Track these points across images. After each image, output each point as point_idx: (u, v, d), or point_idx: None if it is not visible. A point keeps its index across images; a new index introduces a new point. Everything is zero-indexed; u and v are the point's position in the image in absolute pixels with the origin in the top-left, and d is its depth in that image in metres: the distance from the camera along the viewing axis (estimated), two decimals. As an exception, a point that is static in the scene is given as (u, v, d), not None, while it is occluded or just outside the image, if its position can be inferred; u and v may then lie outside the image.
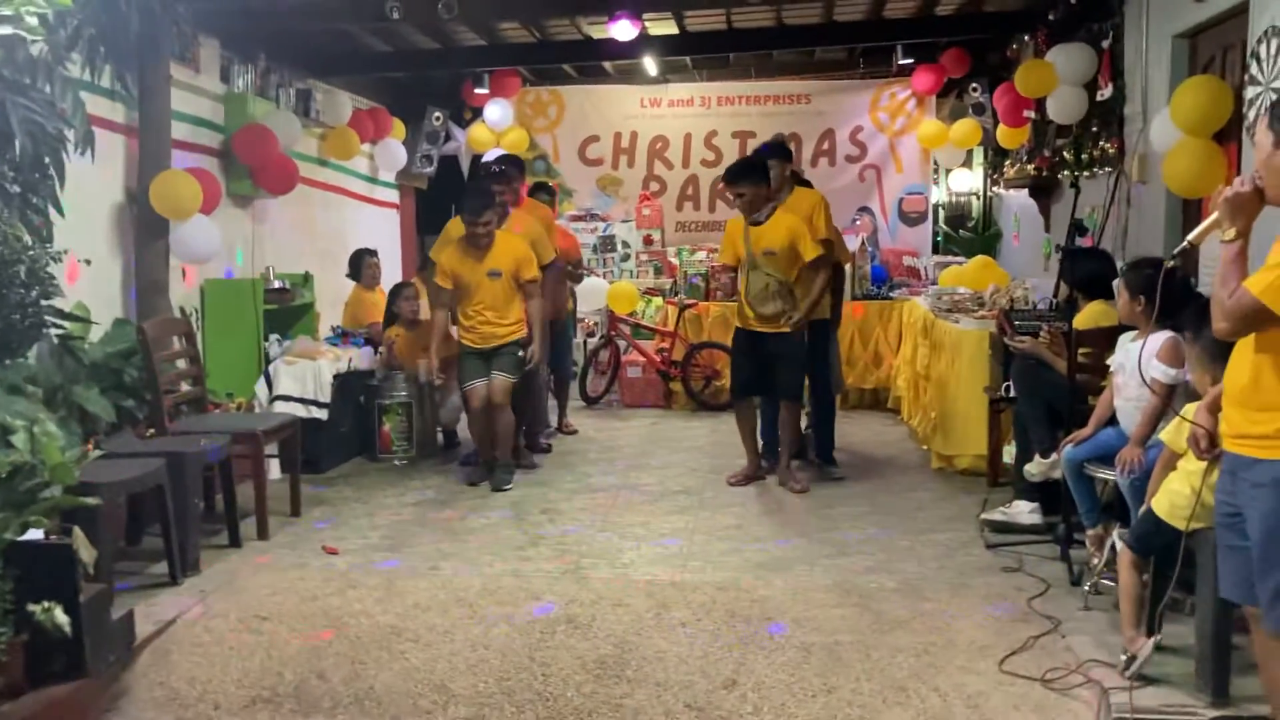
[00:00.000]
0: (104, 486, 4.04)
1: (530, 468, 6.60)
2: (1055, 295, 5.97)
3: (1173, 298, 3.66)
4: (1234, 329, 2.66)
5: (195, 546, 4.74)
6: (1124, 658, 3.55)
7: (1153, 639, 3.48)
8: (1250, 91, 4.55)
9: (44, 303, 3.37)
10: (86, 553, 3.31)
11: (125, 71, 5.72)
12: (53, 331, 4.45)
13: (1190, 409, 3.30)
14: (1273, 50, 4.34)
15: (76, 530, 3.36)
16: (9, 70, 3.46)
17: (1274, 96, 4.26)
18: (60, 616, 3.20)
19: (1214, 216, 2.73)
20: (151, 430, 5.20)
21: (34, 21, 3.06)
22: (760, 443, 6.25)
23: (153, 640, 4.00)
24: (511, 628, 4.11)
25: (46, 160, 4.32)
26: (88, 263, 5.01)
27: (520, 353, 6.14)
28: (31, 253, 3.40)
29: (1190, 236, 2.86)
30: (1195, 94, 4.80)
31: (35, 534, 3.41)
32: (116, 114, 5.89)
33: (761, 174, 5.82)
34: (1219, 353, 3.04)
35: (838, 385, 6.63)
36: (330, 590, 4.52)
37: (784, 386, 5.91)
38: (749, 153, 10.26)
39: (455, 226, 6.17)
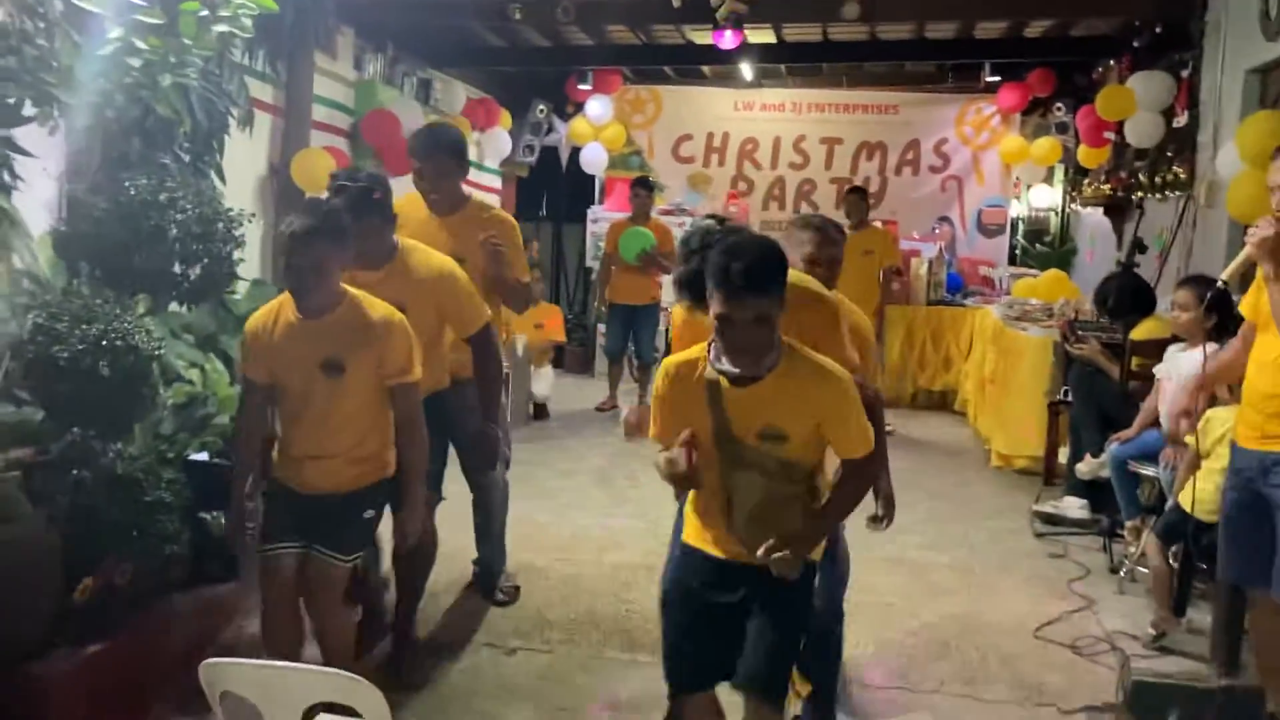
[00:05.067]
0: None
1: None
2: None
3: (1231, 314, 4.06)
4: None
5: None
6: (1151, 631, 3.98)
7: (1182, 620, 3.93)
8: (1310, 129, 4.89)
9: (234, 256, 3.97)
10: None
11: (277, 57, 6.39)
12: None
13: (1215, 414, 3.70)
14: (1331, 92, 4.69)
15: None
16: (204, 59, 4.05)
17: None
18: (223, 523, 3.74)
19: (1244, 254, 3.10)
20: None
21: (248, 22, 3.65)
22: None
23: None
24: (599, 571, 4.65)
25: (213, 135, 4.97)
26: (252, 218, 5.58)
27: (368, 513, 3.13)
28: (231, 212, 4.01)
29: (1224, 275, 3.26)
30: (1260, 127, 5.13)
31: (202, 455, 4.02)
32: (265, 94, 6.52)
33: (781, 281, 2.41)
34: None
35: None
36: (440, 529, 5.09)
37: (766, 667, 2.55)
38: (834, 157, 10.73)
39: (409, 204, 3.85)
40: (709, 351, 2.48)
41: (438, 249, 3.51)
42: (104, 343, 3.21)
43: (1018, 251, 10.85)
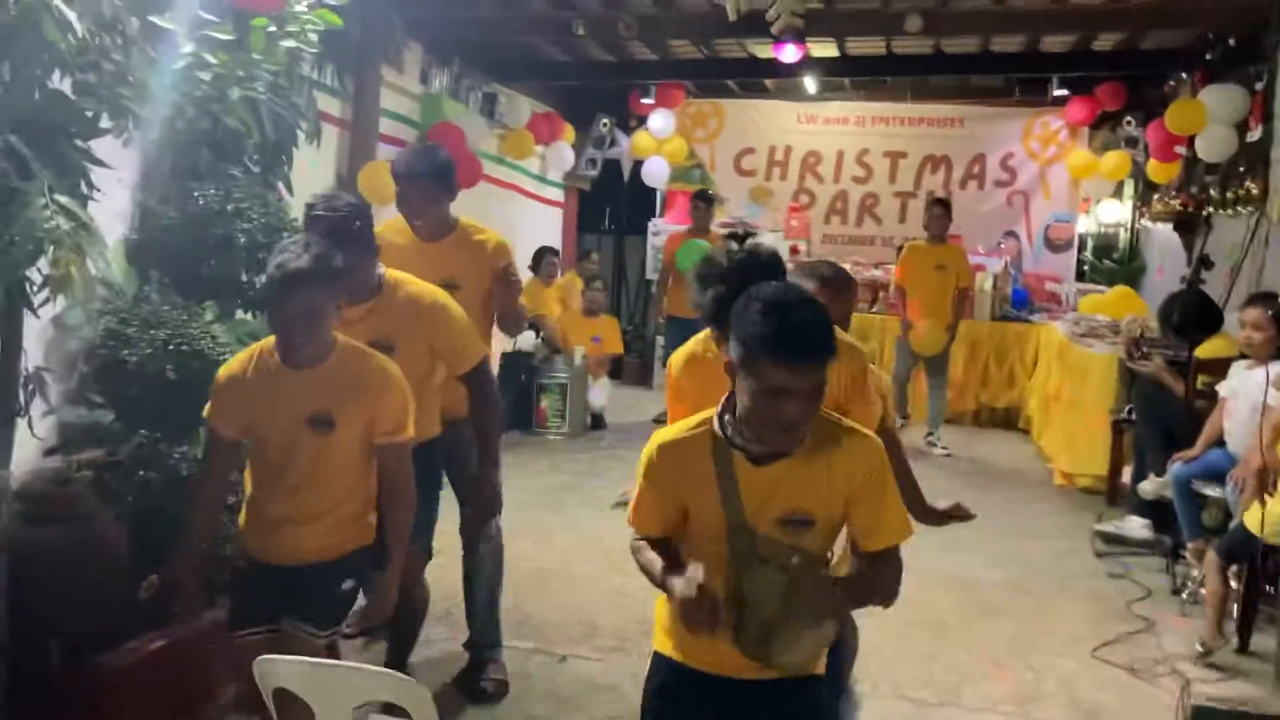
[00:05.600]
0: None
1: None
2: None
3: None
4: None
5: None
6: (1199, 649, 3.91)
7: (1228, 640, 3.86)
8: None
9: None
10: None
11: (345, 71, 6.54)
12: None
13: None
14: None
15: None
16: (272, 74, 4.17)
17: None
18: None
19: None
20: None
21: (314, 38, 3.76)
22: None
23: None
24: (647, 582, 4.66)
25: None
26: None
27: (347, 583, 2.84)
28: (296, 222, 4.12)
29: None
30: (1332, 142, 5.03)
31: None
32: (333, 107, 6.67)
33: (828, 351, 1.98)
34: None
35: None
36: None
37: None
38: (898, 171, 10.65)
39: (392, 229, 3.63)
40: (717, 423, 2.05)
41: (427, 277, 3.23)
42: (171, 347, 3.31)
43: (1085, 267, 10.68)
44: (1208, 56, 7.54)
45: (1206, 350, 5.14)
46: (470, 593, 3.79)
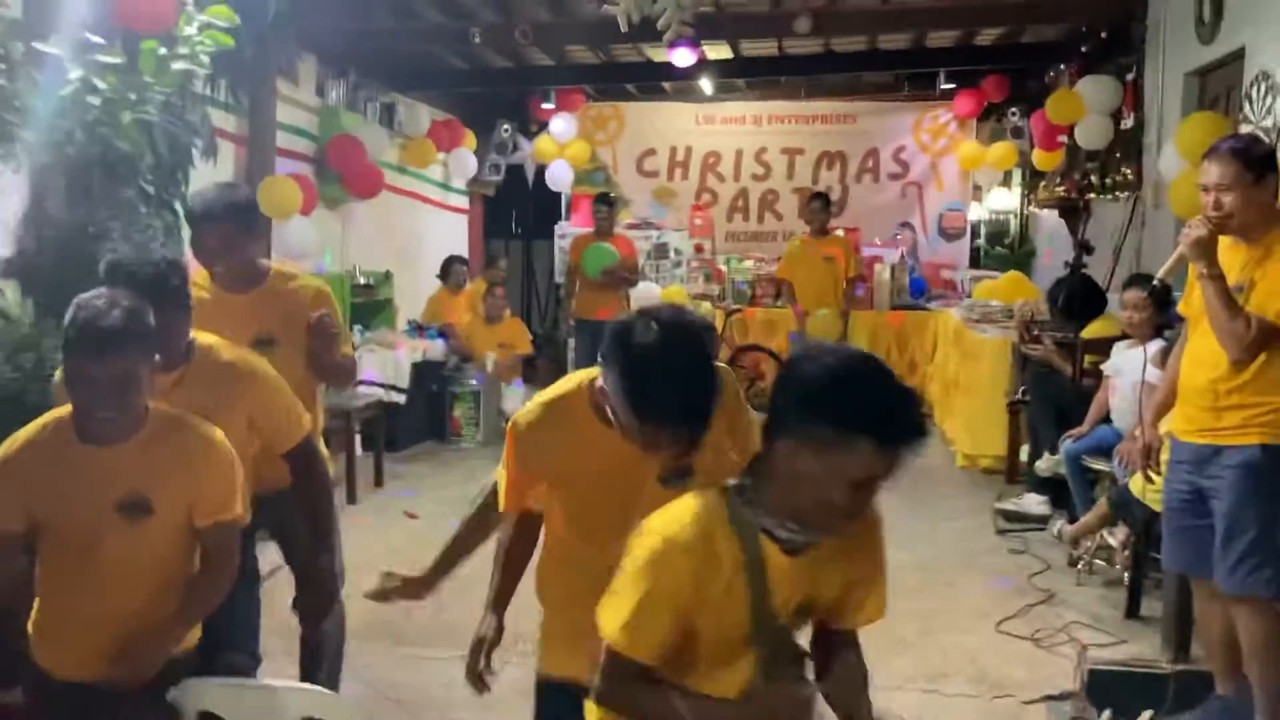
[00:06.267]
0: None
1: None
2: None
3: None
4: (1255, 354, 3.02)
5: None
6: (1055, 536, 4.68)
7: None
8: (1243, 130, 5.05)
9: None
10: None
11: (239, 87, 6.46)
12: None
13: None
14: (1262, 94, 4.86)
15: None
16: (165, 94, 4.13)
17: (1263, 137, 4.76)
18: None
19: (1177, 253, 3.21)
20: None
21: (206, 59, 3.74)
22: None
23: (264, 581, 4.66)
24: (571, 583, 4.72)
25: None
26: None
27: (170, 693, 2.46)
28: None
29: (1160, 274, 3.39)
30: (1198, 128, 5.29)
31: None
32: (228, 124, 6.59)
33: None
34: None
35: None
36: (414, 545, 5.16)
37: None
38: (796, 167, 10.87)
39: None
40: (740, 512, 1.67)
41: (238, 334, 2.88)
42: (37, 371, 3.23)
43: (979, 254, 11.04)
44: (1083, 49, 7.87)
45: (1092, 331, 5.40)
46: (312, 666, 3.30)
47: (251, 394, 2.70)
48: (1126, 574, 4.35)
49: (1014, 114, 9.85)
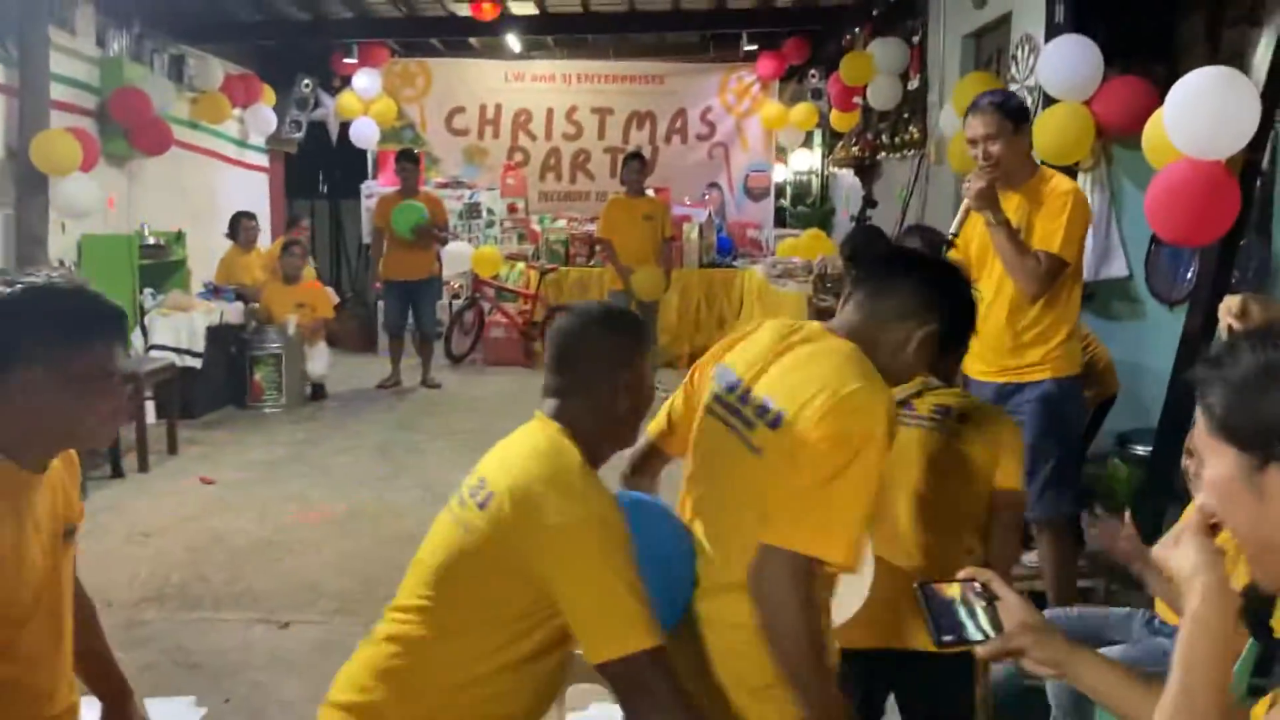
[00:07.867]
0: None
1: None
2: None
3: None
4: (1049, 286, 3.24)
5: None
6: None
7: None
8: (1012, 89, 5.39)
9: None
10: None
11: (6, 35, 6.04)
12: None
13: None
14: (1025, 55, 5.19)
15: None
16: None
17: (1028, 95, 5.09)
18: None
19: (964, 206, 3.38)
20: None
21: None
22: None
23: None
24: (375, 542, 4.69)
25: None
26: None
27: None
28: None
29: (953, 229, 3.55)
30: (971, 88, 5.58)
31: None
32: (-3, 75, 6.17)
33: None
34: None
35: None
36: (209, 512, 5.03)
37: None
38: (606, 127, 10.93)
39: None
40: None
41: None
42: None
43: (783, 213, 11.39)
44: (874, 12, 8.19)
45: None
46: None
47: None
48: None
49: (814, 76, 10.17)
